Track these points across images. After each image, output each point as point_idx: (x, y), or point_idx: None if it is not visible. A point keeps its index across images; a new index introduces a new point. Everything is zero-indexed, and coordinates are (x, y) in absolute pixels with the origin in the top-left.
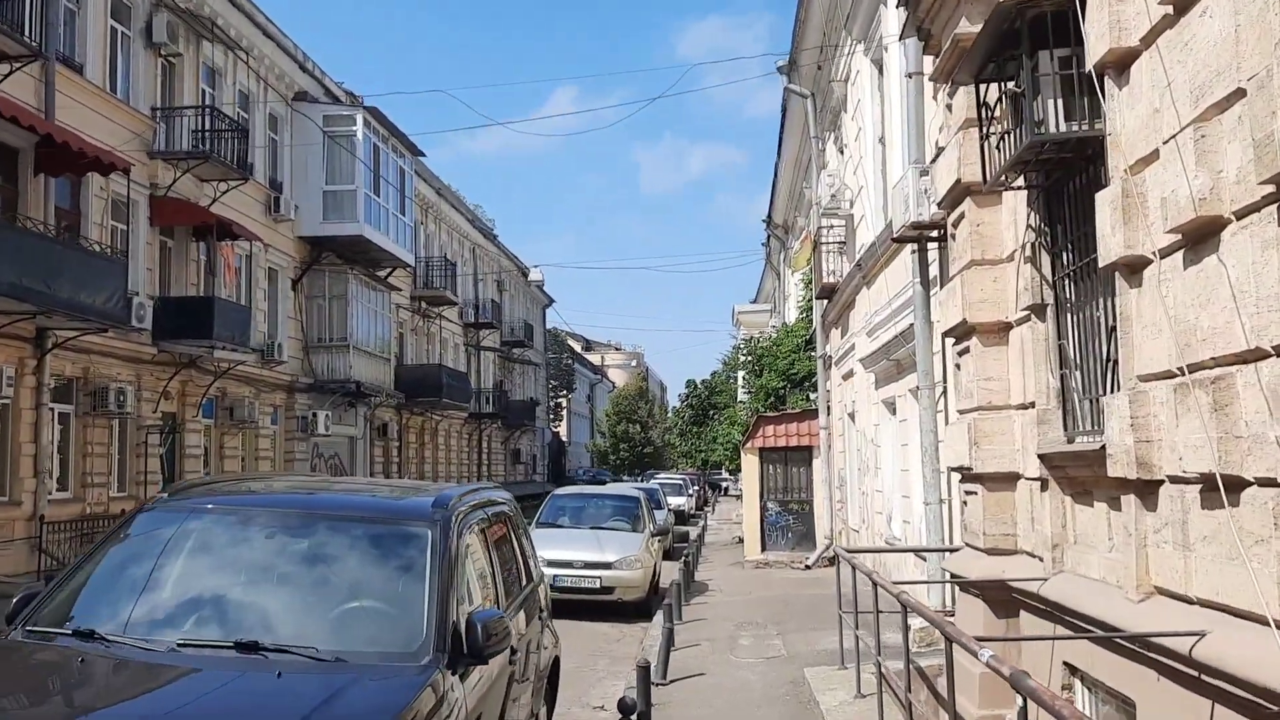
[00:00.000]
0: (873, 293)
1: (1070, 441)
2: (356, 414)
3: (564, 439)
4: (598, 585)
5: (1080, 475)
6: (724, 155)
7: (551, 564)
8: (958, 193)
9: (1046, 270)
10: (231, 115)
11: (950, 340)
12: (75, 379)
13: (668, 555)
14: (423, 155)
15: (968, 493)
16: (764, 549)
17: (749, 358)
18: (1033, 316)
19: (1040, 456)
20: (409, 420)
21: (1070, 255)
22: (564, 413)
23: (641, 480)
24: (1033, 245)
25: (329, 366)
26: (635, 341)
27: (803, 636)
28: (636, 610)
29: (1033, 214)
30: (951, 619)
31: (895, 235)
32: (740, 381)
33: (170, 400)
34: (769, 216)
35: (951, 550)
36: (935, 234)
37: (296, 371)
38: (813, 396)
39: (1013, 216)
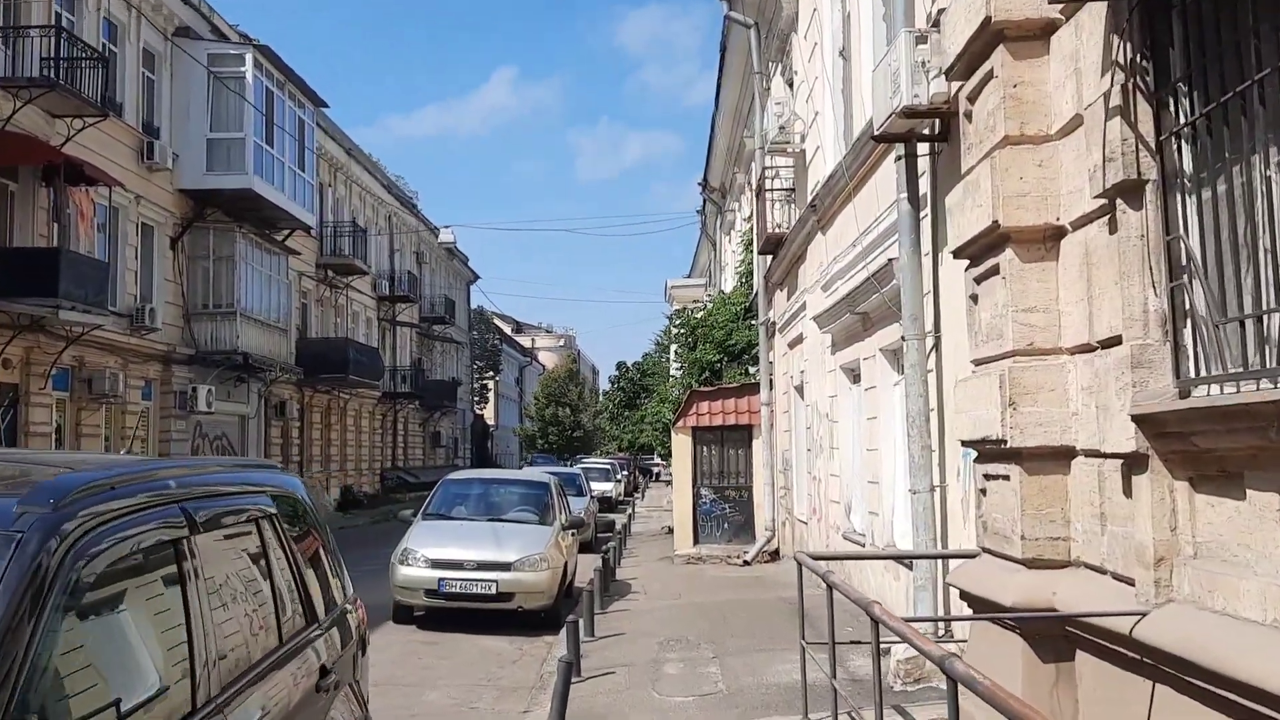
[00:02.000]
0: (831, 237)
1: (1184, 395)
2: (248, 390)
3: (491, 422)
4: (493, 591)
5: (1220, 447)
6: (661, 143)
7: (437, 564)
8: (983, 44)
9: (1147, 128)
10: (95, 46)
11: (964, 264)
12: None
13: (589, 548)
14: (325, 106)
15: (989, 477)
16: (697, 541)
17: (682, 330)
18: (1120, 204)
19: (1137, 419)
20: (312, 399)
21: (1194, 97)
22: (491, 395)
23: (568, 465)
24: (1124, 91)
25: (213, 336)
26: (567, 324)
27: (746, 661)
28: (543, 620)
29: (1122, 45)
30: (952, 645)
31: (877, 132)
32: (672, 356)
33: (10, 369)
34: (704, 179)
35: (958, 556)
36: (928, 131)
37: (175, 341)
38: (753, 370)
39: (1071, 65)
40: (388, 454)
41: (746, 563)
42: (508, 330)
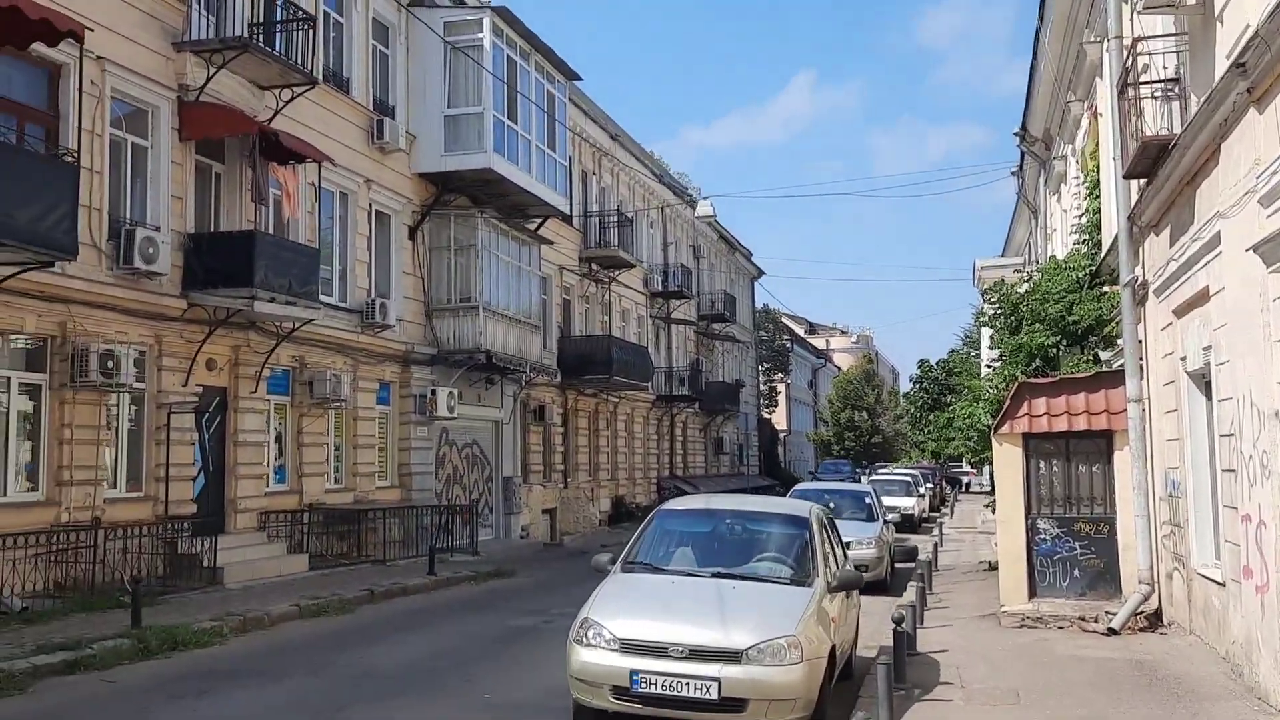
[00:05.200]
0: None
1: None
2: (500, 393)
3: (783, 427)
4: (713, 695)
5: None
6: (965, 137)
7: (630, 648)
8: None
9: None
10: (310, 13)
11: None
12: (50, 337)
13: (880, 588)
14: (577, 79)
15: None
16: (1033, 593)
17: (1000, 308)
18: None
19: None
20: (576, 402)
21: None
22: (781, 399)
23: (864, 475)
24: None
25: (455, 333)
26: (864, 325)
27: None
28: None
29: None
30: None
31: None
32: (986, 344)
33: (216, 371)
34: (1022, 128)
35: None
36: None
37: (415, 339)
38: (1105, 356)
39: None
40: (664, 461)
41: (1113, 630)
42: (800, 331)
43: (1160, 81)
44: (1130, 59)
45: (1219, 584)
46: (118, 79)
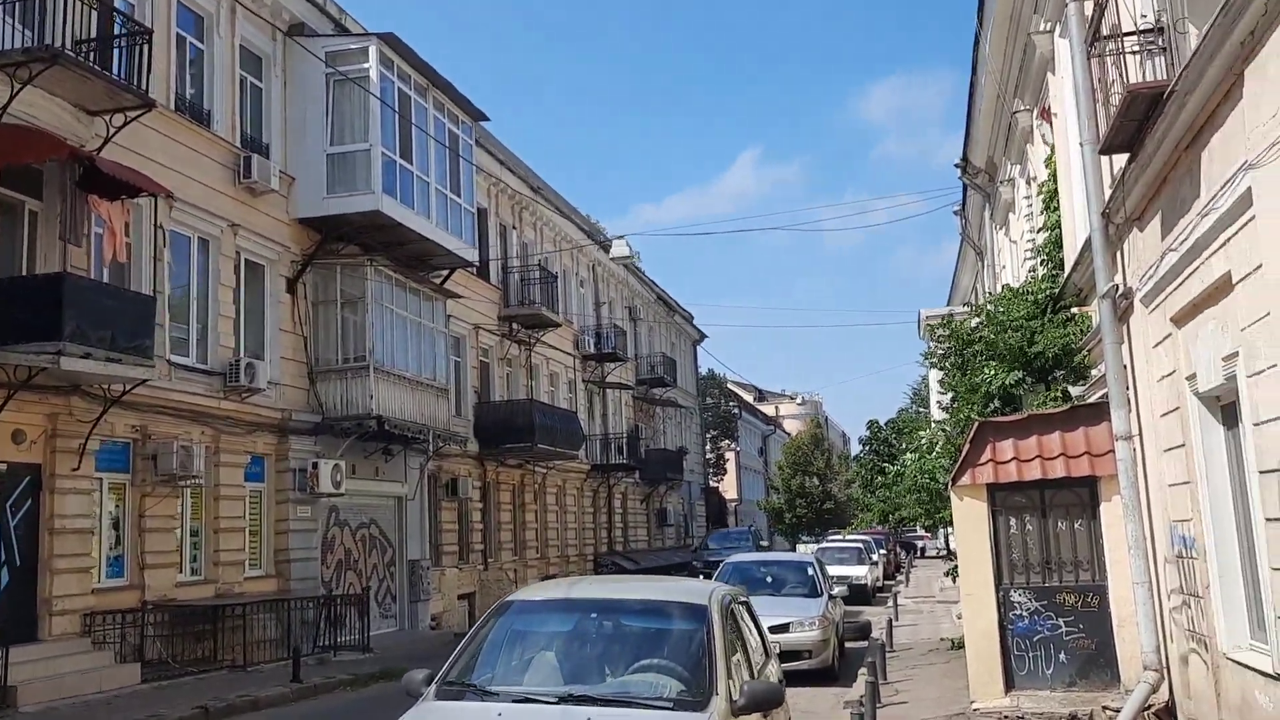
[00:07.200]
0: None
1: None
2: (404, 466)
3: (733, 496)
4: None
5: None
6: (906, 209)
7: None
8: None
9: None
10: (148, 27)
11: None
12: None
13: (828, 676)
14: (484, 119)
15: None
16: (1010, 685)
17: (948, 344)
18: None
19: None
20: (497, 474)
21: None
22: (730, 466)
23: (818, 541)
24: None
25: (343, 398)
26: (812, 390)
27: None
28: None
29: None
30: None
31: None
32: (937, 388)
33: (26, 445)
34: (963, 158)
35: None
36: None
37: (296, 404)
38: (1076, 392)
39: None
40: (601, 536)
41: None
42: (748, 399)
43: (1139, 32)
44: (1099, 11)
45: (1264, 674)
46: None
